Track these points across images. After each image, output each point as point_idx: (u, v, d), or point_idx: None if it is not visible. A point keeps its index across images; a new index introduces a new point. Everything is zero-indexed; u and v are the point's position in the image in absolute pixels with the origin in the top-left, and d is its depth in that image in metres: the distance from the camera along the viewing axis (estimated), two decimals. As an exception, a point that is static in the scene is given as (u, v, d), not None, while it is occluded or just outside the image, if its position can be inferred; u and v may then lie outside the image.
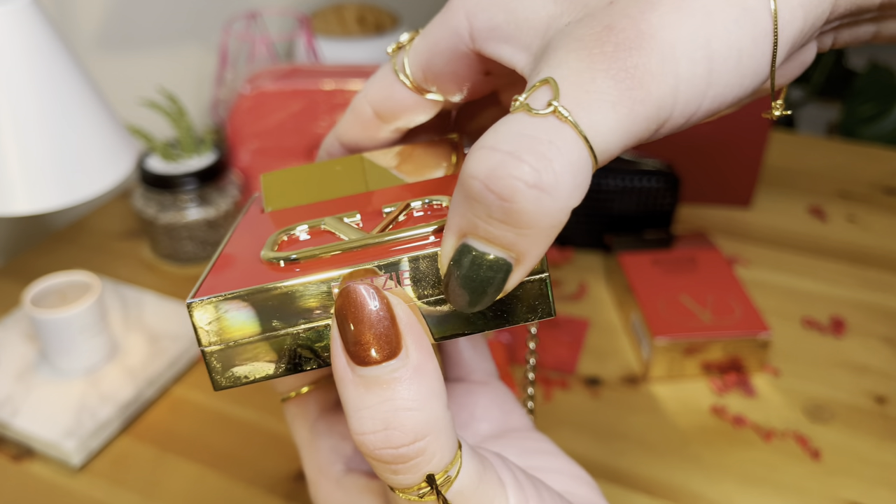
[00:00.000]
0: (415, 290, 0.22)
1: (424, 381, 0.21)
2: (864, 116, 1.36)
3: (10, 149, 0.51)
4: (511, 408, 0.30)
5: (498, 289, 0.20)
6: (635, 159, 0.74)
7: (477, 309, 0.21)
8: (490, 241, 0.20)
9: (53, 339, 0.58)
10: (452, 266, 0.20)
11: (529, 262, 0.21)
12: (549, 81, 0.20)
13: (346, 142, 0.30)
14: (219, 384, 0.23)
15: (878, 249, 0.78)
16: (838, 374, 0.62)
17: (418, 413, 0.20)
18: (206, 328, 0.22)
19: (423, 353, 0.21)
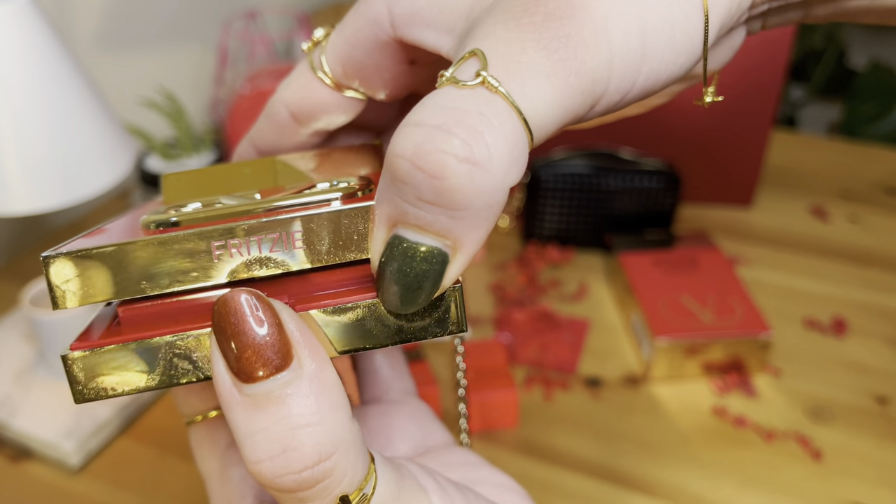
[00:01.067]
0: (308, 255, 0.20)
1: (323, 392, 0.18)
2: (866, 116, 1.36)
3: (9, 149, 0.51)
4: (430, 426, 0.28)
5: (435, 283, 0.19)
6: (636, 159, 0.74)
7: (413, 309, 0.19)
8: (423, 227, 0.18)
9: (52, 340, 0.58)
10: (384, 262, 0.19)
11: (468, 249, 0.19)
12: (477, 53, 0.18)
13: (262, 147, 0.28)
14: (82, 396, 0.20)
15: (880, 249, 0.78)
16: (840, 374, 0.62)
17: (319, 428, 0.18)
18: (62, 287, 0.19)
19: (318, 360, 0.18)
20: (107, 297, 0.19)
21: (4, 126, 0.51)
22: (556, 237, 0.76)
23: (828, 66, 1.51)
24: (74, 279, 0.19)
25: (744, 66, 0.75)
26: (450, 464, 0.26)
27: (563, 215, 0.75)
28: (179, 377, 0.20)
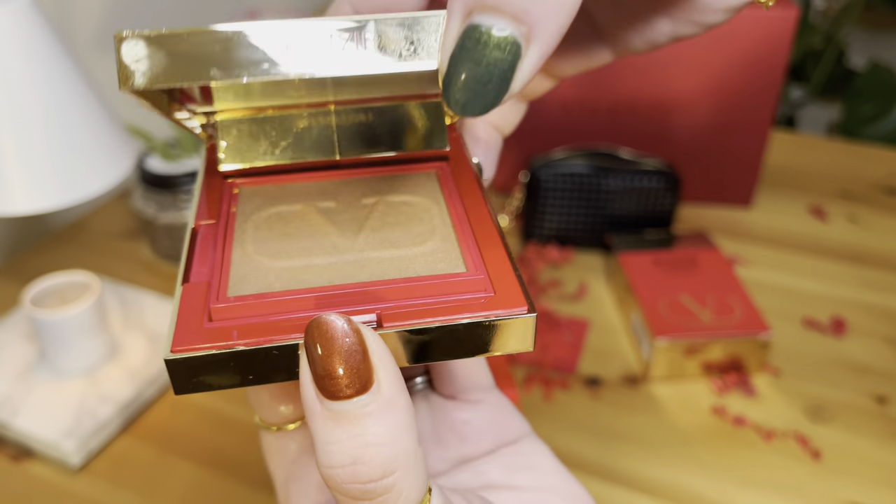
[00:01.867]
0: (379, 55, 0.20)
1: (395, 416, 0.19)
2: (865, 116, 1.36)
3: (9, 149, 0.51)
4: (509, 419, 0.28)
5: (505, 77, 0.18)
6: (636, 159, 0.74)
7: (477, 110, 0.19)
8: (499, 8, 0.18)
9: (53, 340, 0.58)
10: (455, 53, 0.19)
11: (542, 39, 0.18)
12: None
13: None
14: (181, 390, 0.21)
15: (879, 249, 0.78)
16: (839, 374, 0.62)
17: (388, 449, 0.19)
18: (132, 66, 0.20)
19: (394, 387, 0.19)
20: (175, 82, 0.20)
21: (5, 126, 0.51)
22: (556, 237, 0.76)
23: (827, 66, 1.51)
24: (144, 59, 0.19)
25: (743, 67, 0.75)
26: (516, 466, 0.26)
27: (562, 215, 0.75)
28: (272, 377, 0.21)
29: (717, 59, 0.75)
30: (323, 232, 0.24)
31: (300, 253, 0.23)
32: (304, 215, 0.25)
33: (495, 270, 0.22)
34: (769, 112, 0.77)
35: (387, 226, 0.24)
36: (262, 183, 0.26)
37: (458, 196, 0.26)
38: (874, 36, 1.63)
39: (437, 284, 0.22)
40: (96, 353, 0.59)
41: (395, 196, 0.26)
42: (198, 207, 0.25)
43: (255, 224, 0.25)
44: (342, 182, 0.26)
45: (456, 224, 0.24)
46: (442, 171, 0.27)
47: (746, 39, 0.74)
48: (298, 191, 0.26)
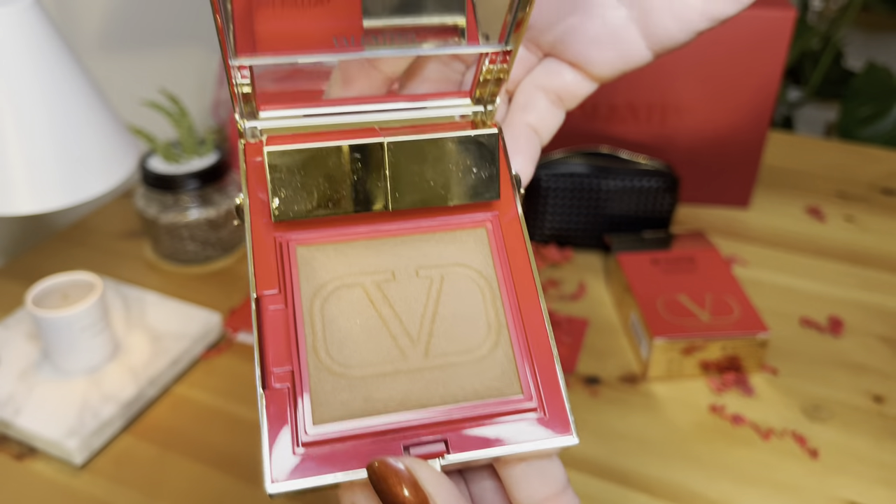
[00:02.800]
0: None
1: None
2: (862, 117, 1.37)
3: (13, 149, 0.52)
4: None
5: None
6: (634, 160, 0.75)
7: None
8: None
9: (56, 339, 0.58)
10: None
11: None
12: None
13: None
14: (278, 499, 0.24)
15: (876, 249, 0.78)
16: (836, 373, 0.63)
17: None
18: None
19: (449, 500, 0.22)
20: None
21: (8, 126, 0.51)
22: (555, 237, 0.77)
23: (824, 67, 1.51)
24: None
25: (741, 68, 0.75)
26: None
27: (562, 215, 0.75)
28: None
29: (716, 60, 0.75)
30: (388, 331, 0.26)
31: (371, 360, 0.25)
32: (366, 302, 0.26)
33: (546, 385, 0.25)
34: (767, 113, 0.78)
35: (444, 322, 0.26)
36: (317, 240, 0.27)
37: (507, 262, 0.27)
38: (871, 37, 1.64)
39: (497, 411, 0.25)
40: (99, 352, 0.60)
41: (449, 267, 0.27)
42: (255, 266, 0.26)
43: (321, 309, 0.26)
44: (395, 242, 0.27)
45: (509, 316, 0.26)
46: (492, 226, 0.28)
47: (744, 40, 0.74)
48: (354, 253, 0.27)
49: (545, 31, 0.29)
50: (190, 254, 0.74)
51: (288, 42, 0.25)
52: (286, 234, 0.26)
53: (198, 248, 0.74)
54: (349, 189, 0.26)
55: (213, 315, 0.66)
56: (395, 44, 0.25)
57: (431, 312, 0.26)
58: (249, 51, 0.25)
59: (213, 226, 0.73)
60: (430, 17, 0.25)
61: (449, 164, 0.26)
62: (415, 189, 0.26)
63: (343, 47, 0.25)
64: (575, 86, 0.30)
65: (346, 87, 0.29)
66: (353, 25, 0.25)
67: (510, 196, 0.28)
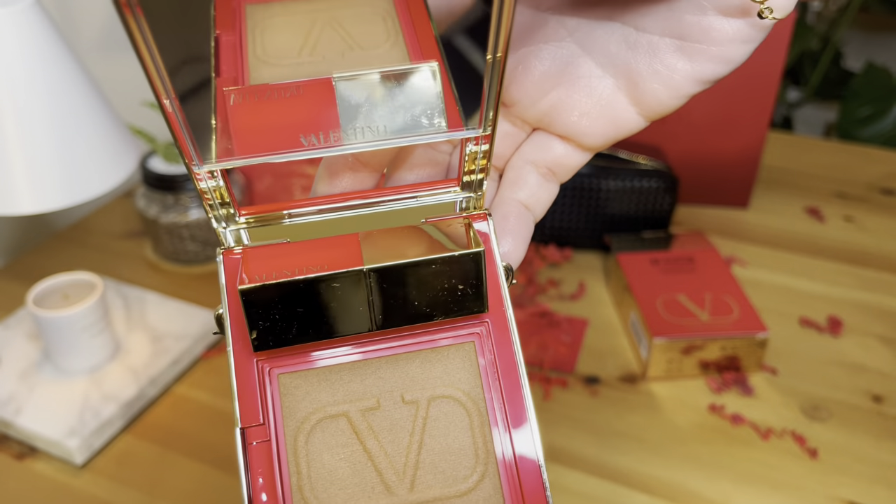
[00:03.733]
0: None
1: None
2: (862, 117, 1.37)
3: (14, 149, 0.52)
4: None
5: None
6: (634, 160, 0.75)
7: None
8: None
9: (56, 339, 0.58)
10: None
11: None
12: None
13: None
14: None
15: (875, 249, 0.79)
16: (835, 373, 0.63)
17: None
18: None
19: None
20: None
21: (9, 126, 0.51)
22: (555, 237, 0.77)
23: (824, 67, 1.51)
24: None
25: (740, 69, 0.75)
26: None
27: (561, 215, 0.75)
28: None
29: (715, 60, 0.75)
30: (373, 466, 0.25)
31: (356, 498, 0.25)
32: (350, 434, 0.25)
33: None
34: (766, 113, 0.78)
35: (431, 453, 0.25)
36: (299, 366, 0.26)
37: (497, 376, 0.26)
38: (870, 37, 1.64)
39: None
40: (99, 352, 0.60)
41: (435, 390, 0.26)
42: (238, 396, 0.25)
43: (305, 444, 0.25)
44: (379, 364, 0.26)
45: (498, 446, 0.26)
46: (481, 338, 0.27)
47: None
48: (337, 379, 0.26)
49: (530, 107, 0.28)
50: (190, 254, 0.74)
51: (260, 143, 0.24)
52: (268, 361, 0.26)
53: (198, 248, 0.74)
54: (330, 317, 0.25)
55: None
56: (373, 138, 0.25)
57: (417, 443, 0.25)
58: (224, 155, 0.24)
59: (214, 226, 0.73)
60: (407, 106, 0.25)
61: (433, 284, 0.25)
62: (398, 311, 0.25)
63: (317, 145, 0.24)
64: (566, 158, 0.29)
65: (332, 182, 0.28)
66: (328, 121, 0.24)
67: (499, 299, 0.27)
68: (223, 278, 0.26)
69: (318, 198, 0.28)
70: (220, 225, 0.26)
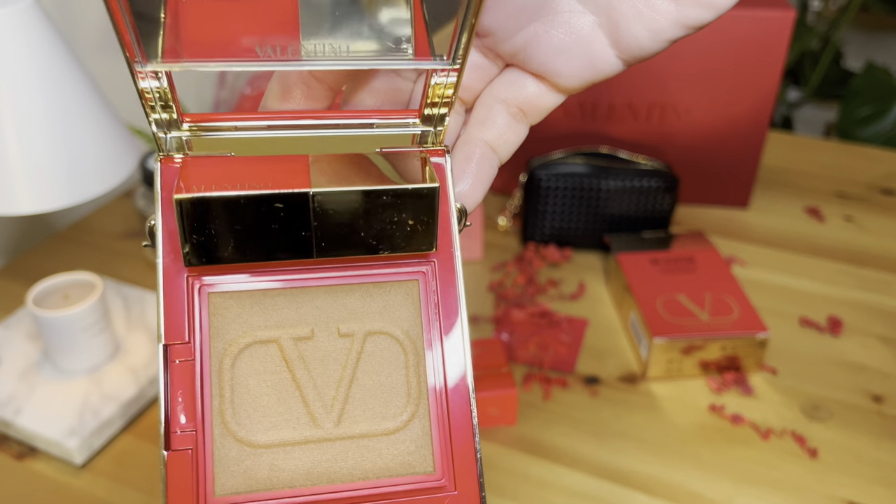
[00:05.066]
0: None
1: None
2: (862, 117, 1.37)
3: (13, 149, 0.52)
4: None
5: None
6: (634, 160, 0.75)
7: None
8: None
9: (56, 339, 0.58)
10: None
11: None
12: None
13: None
14: None
15: (875, 249, 0.79)
16: (836, 373, 0.63)
17: None
18: None
19: None
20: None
21: (8, 127, 0.51)
22: (555, 237, 0.77)
23: (824, 67, 1.51)
24: None
25: (741, 68, 0.76)
26: None
27: (561, 215, 0.75)
28: None
29: (715, 60, 0.75)
30: (300, 396, 0.24)
31: (279, 427, 0.24)
32: (280, 361, 0.24)
33: (461, 461, 0.24)
34: (766, 113, 0.78)
35: (362, 388, 0.24)
36: (233, 286, 0.25)
37: (438, 318, 0.25)
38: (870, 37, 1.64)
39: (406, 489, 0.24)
40: (99, 352, 0.60)
41: (373, 325, 0.25)
42: (165, 311, 0.24)
43: (231, 367, 0.24)
44: (318, 293, 0.25)
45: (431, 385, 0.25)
46: (425, 279, 0.26)
47: (744, 41, 0.74)
48: (271, 304, 0.25)
49: (505, 40, 0.27)
50: (190, 254, 0.74)
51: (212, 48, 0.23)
52: (199, 278, 0.24)
53: (198, 248, 0.74)
54: (269, 239, 0.24)
55: (214, 315, 0.66)
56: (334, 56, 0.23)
57: (349, 377, 0.24)
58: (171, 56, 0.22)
59: (214, 226, 0.73)
60: (374, 27, 0.23)
61: (383, 216, 0.24)
62: (343, 240, 0.24)
63: (273, 57, 0.23)
64: (539, 98, 0.28)
65: (285, 99, 0.27)
66: (288, 32, 0.23)
67: (448, 240, 0.26)
68: (159, 186, 0.24)
69: (268, 113, 0.26)
70: (161, 130, 0.25)
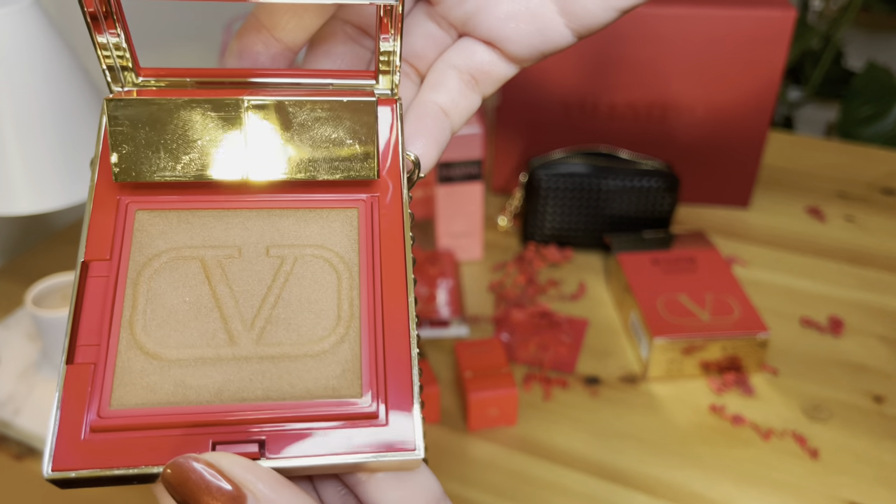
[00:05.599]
0: None
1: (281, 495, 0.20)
2: (863, 117, 1.37)
3: (13, 149, 0.52)
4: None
5: None
6: (635, 160, 0.75)
7: None
8: None
9: (55, 339, 0.58)
10: None
11: None
12: None
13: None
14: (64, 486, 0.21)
15: (876, 249, 0.78)
16: (836, 373, 0.63)
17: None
18: None
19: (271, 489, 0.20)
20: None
21: (8, 126, 0.51)
22: (556, 237, 0.77)
23: (825, 67, 1.51)
24: None
25: (741, 68, 0.75)
26: None
27: (562, 215, 0.75)
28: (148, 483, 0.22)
29: (716, 60, 0.75)
30: (219, 313, 0.23)
31: (192, 343, 0.22)
32: (201, 277, 0.23)
33: (395, 390, 0.22)
34: (767, 113, 0.78)
35: (288, 308, 0.23)
36: (160, 205, 0.24)
37: (378, 249, 0.24)
38: (871, 37, 1.64)
39: (327, 413, 0.21)
40: (98, 352, 0.60)
41: (305, 248, 0.24)
42: (89, 228, 0.23)
43: (149, 280, 0.23)
44: (250, 215, 0.24)
45: (365, 310, 0.23)
46: (364, 209, 0.25)
47: (744, 41, 0.74)
48: (199, 223, 0.24)
49: (456, 6, 0.27)
50: (190, 254, 0.74)
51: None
52: (129, 196, 0.24)
53: (198, 248, 0.74)
54: (201, 151, 0.23)
55: (213, 315, 0.66)
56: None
57: (275, 296, 0.23)
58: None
59: (213, 226, 0.73)
60: None
61: (319, 131, 0.23)
62: (277, 158, 0.23)
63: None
64: (490, 66, 0.28)
65: (243, 55, 0.27)
66: None
67: (396, 177, 0.25)
68: (104, 115, 0.24)
69: (225, 69, 0.26)
70: (117, 85, 0.25)
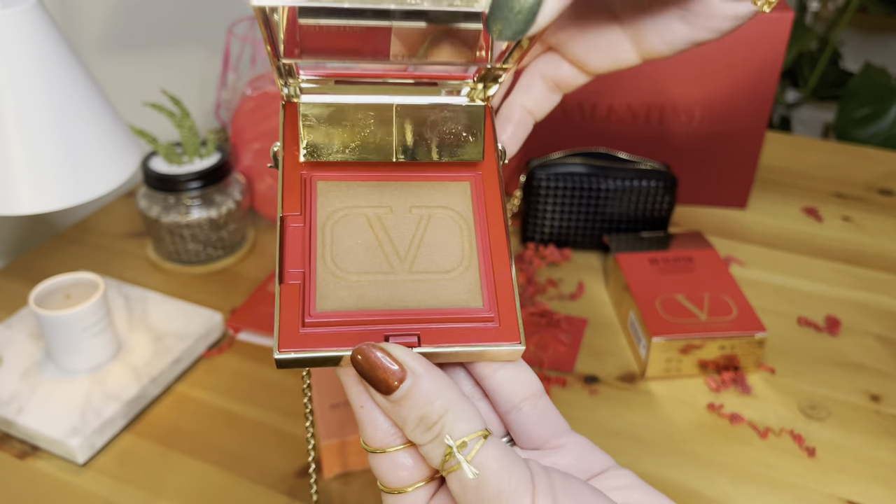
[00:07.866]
0: None
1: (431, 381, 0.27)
2: (860, 118, 1.37)
3: (16, 149, 0.52)
4: (589, 457, 0.31)
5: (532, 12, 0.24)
6: (633, 160, 0.75)
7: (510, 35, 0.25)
8: None
9: (58, 338, 0.58)
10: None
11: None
12: None
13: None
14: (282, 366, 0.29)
15: (873, 249, 0.79)
16: (833, 372, 0.63)
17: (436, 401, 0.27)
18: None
19: (422, 367, 0.27)
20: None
21: (11, 127, 0.52)
22: (555, 237, 0.77)
23: (822, 68, 1.52)
24: None
25: (739, 69, 0.76)
26: (609, 488, 0.30)
27: (560, 216, 0.76)
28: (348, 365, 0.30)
29: (713, 61, 0.76)
30: (381, 250, 0.31)
31: (365, 270, 0.31)
32: (367, 227, 0.32)
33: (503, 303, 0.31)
34: (764, 114, 0.78)
35: (428, 248, 0.32)
36: (334, 177, 0.33)
37: (483, 210, 0.33)
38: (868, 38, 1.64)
39: (459, 316, 0.30)
40: (101, 351, 0.60)
41: (436, 209, 0.33)
42: (284, 194, 0.32)
43: (332, 228, 0.32)
44: (396, 185, 0.33)
45: (480, 250, 0.32)
46: (475, 182, 0.33)
47: (742, 42, 0.74)
48: (361, 191, 0.33)
49: (550, 35, 0.34)
50: (191, 254, 0.74)
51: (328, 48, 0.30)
52: (310, 172, 0.33)
53: (199, 248, 0.74)
54: (363, 140, 0.32)
55: (215, 315, 0.66)
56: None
57: (418, 240, 0.32)
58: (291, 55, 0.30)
59: (215, 226, 0.73)
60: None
61: (444, 127, 0.32)
62: (415, 145, 0.32)
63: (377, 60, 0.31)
64: (572, 78, 0.35)
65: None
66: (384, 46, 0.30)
67: (493, 160, 0.34)
68: (283, 117, 0.33)
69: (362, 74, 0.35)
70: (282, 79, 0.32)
